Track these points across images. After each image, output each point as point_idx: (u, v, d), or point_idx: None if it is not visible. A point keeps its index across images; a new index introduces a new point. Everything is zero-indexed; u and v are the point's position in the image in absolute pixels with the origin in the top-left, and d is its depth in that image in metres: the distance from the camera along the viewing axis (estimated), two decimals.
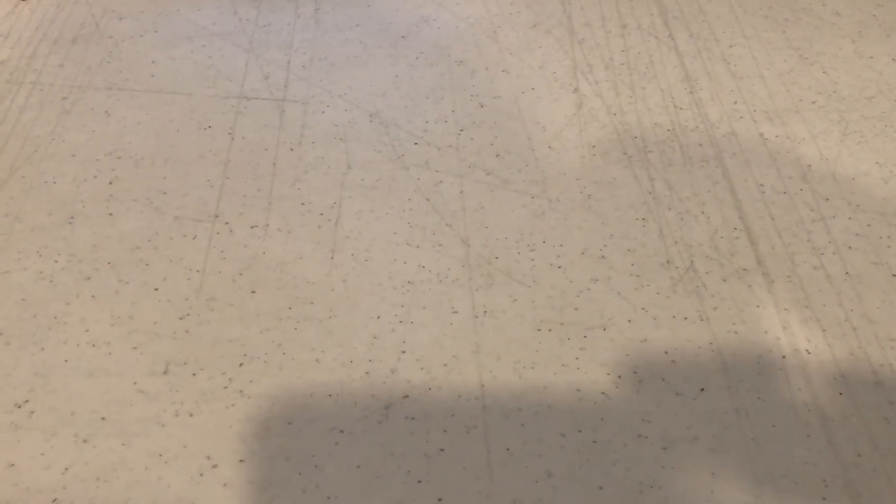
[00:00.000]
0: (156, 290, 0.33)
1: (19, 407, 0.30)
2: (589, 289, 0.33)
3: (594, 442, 0.29)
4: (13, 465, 0.28)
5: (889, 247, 0.35)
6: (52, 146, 0.39)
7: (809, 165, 0.38)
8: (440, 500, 0.27)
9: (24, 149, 0.39)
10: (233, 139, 0.40)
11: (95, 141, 0.40)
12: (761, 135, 0.40)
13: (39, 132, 0.40)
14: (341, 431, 0.29)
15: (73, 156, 0.39)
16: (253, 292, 0.33)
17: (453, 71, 0.44)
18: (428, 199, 0.37)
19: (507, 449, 0.29)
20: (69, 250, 0.35)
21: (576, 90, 0.42)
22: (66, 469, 0.28)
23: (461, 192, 0.37)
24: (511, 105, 0.38)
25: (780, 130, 0.40)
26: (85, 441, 0.29)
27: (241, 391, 0.30)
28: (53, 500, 0.27)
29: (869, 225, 0.36)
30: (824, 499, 0.27)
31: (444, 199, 0.37)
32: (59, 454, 0.28)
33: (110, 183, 0.38)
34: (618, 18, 0.47)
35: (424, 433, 0.29)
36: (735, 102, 0.42)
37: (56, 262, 0.34)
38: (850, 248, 0.35)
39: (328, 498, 0.27)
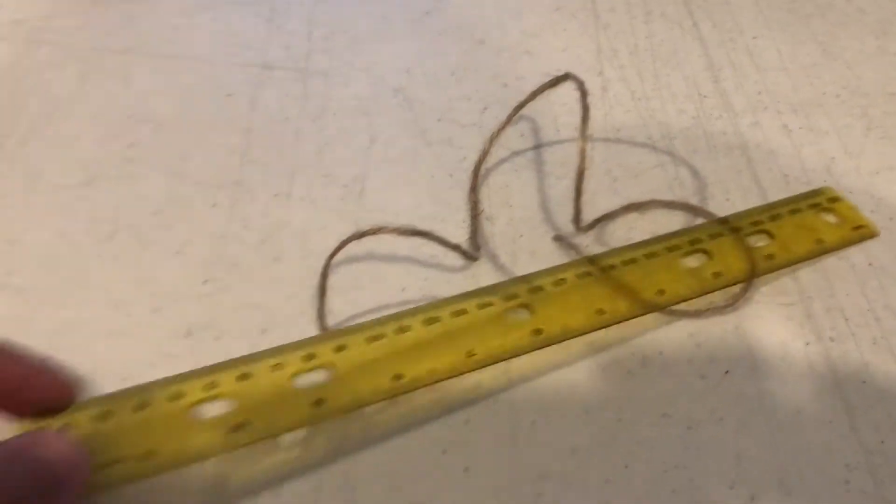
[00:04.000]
0: (178, 253, 0.33)
1: None
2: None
3: (619, 420, 0.29)
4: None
5: None
6: (72, 107, 0.39)
7: (833, 158, 0.38)
8: (466, 469, 0.27)
9: (43, 108, 0.39)
10: (254, 108, 0.39)
11: (115, 103, 0.39)
12: (785, 126, 0.40)
13: (59, 92, 0.40)
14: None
15: (93, 118, 0.38)
16: (276, 260, 0.33)
17: (476, 50, 0.44)
18: (451, 175, 0.37)
19: (533, 422, 0.29)
20: (90, 211, 0.34)
21: (600, 74, 0.42)
22: None
23: (485, 170, 0.37)
24: (535, 86, 0.37)
25: (803, 122, 0.40)
26: None
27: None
28: None
29: (891, 218, 0.36)
30: (847, 482, 0.27)
31: (468, 175, 0.37)
32: None
33: (131, 146, 0.37)
34: (642, 5, 0.47)
35: (448, 405, 0.29)
36: (759, 93, 0.42)
37: (76, 222, 0.34)
38: (875, 239, 0.35)
39: (352, 467, 0.27)
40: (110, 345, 0.30)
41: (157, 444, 0.25)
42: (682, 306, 0.32)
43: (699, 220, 0.35)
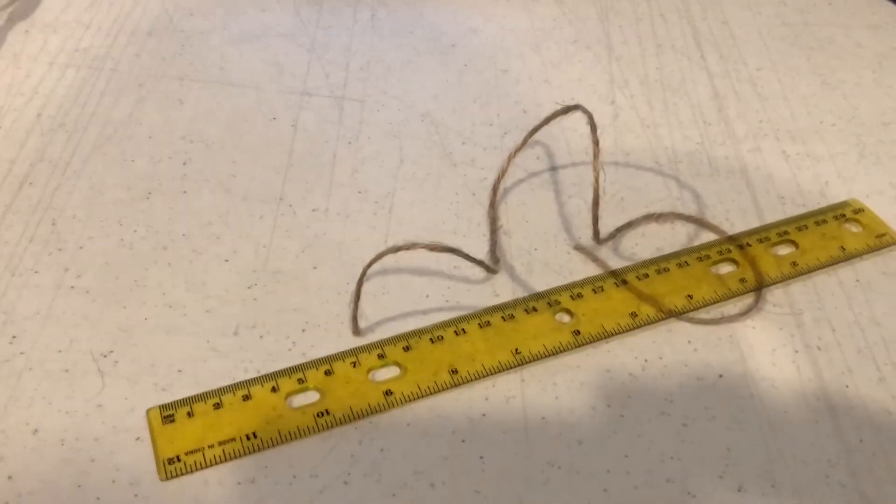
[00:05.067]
0: (226, 261, 0.37)
1: (105, 356, 0.33)
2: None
3: (621, 416, 0.32)
4: (101, 406, 0.31)
5: None
6: (130, 128, 0.43)
7: (827, 182, 0.41)
8: (482, 457, 0.31)
9: (104, 129, 0.43)
10: (296, 131, 0.43)
11: (170, 125, 0.43)
12: (784, 152, 0.43)
13: (118, 115, 0.44)
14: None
15: (150, 137, 0.43)
16: (314, 268, 0.37)
17: (499, 79, 0.47)
18: (474, 194, 0.40)
19: (543, 417, 0.32)
20: (147, 222, 0.38)
21: (612, 102, 0.46)
22: (148, 413, 0.31)
23: (504, 189, 0.41)
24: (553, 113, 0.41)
25: (801, 149, 0.43)
26: (164, 390, 0.32)
27: (303, 353, 0.33)
28: (137, 438, 0.31)
29: (878, 237, 0.39)
30: (828, 476, 0.30)
31: (489, 194, 0.40)
32: (141, 400, 0.32)
33: (184, 164, 0.41)
34: (653, 38, 0.50)
35: (468, 399, 0.32)
36: (760, 121, 0.45)
37: (135, 231, 0.38)
38: (861, 258, 0.38)
39: (381, 450, 0.31)
40: (167, 341, 0.34)
41: (259, 427, 0.31)
42: (701, 314, 0.35)
43: (705, 236, 0.38)
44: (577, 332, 0.34)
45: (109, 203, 0.39)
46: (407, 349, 0.33)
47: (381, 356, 0.33)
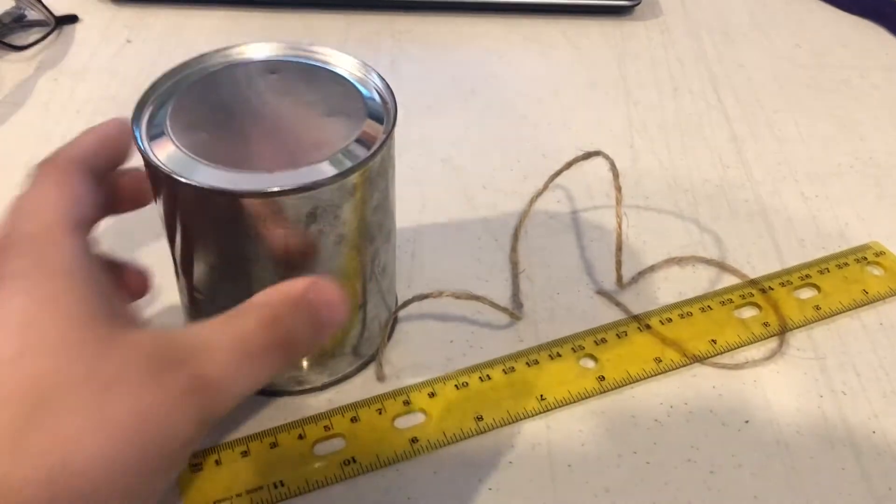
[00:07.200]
0: None
1: None
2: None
3: (647, 463, 0.32)
4: None
5: None
6: None
7: (846, 224, 0.42)
8: None
9: None
10: None
11: None
12: (802, 194, 0.43)
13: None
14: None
15: None
16: None
17: (518, 124, 0.48)
18: (496, 239, 0.41)
19: (569, 465, 0.32)
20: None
21: (631, 146, 0.46)
22: None
23: (526, 233, 0.41)
24: (571, 157, 0.42)
25: (819, 191, 0.44)
26: None
27: (329, 400, 0.34)
28: None
29: None
30: None
31: (511, 238, 0.41)
32: None
33: None
34: (670, 82, 0.51)
35: (494, 447, 0.32)
36: (778, 163, 0.45)
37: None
38: (884, 301, 0.38)
39: (408, 498, 0.31)
40: None
41: (286, 475, 0.31)
42: (725, 359, 0.35)
43: (727, 280, 0.39)
44: (602, 378, 0.34)
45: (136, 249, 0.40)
46: (432, 395, 0.34)
47: (406, 403, 0.33)
